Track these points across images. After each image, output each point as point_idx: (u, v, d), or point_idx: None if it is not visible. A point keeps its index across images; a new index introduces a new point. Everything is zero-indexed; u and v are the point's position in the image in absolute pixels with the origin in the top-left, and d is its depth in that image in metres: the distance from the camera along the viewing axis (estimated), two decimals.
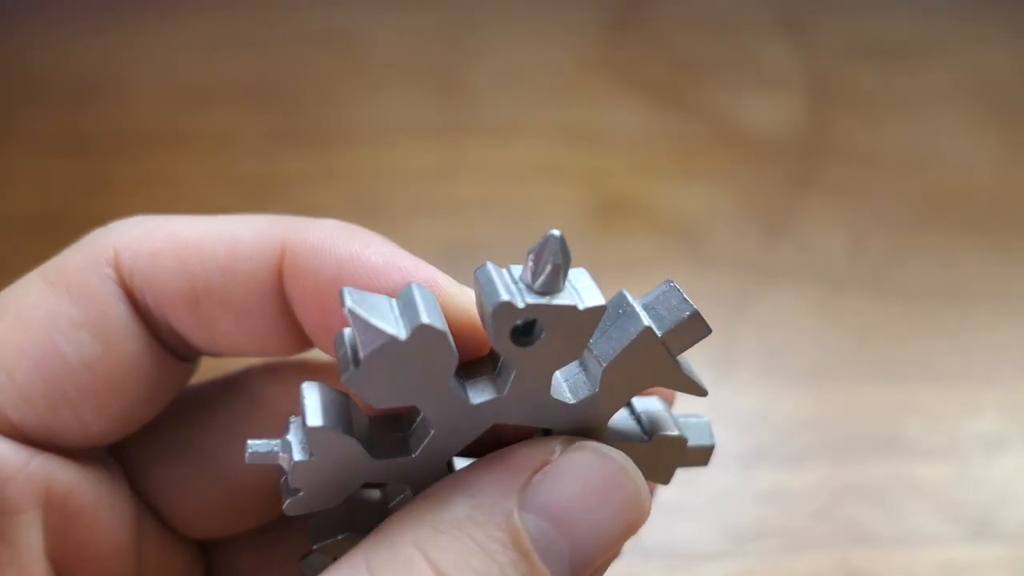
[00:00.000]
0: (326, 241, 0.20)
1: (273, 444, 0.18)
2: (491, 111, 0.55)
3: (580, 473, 0.18)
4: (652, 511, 0.19)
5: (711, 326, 0.19)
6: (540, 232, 0.19)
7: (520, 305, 0.17)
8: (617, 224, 0.48)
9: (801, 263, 0.47)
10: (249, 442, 0.18)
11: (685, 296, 0.19)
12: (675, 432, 0.21)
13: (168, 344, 0.21)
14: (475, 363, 0.19)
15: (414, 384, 0.17)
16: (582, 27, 0.60)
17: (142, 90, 0.55)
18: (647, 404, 0.22)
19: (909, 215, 0.50)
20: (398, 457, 0.19)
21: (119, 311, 0.19)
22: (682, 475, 0.37)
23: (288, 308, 0.20)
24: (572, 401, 0.19)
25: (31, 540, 0.19)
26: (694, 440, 0.21)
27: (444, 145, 0.53)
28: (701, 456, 0.22)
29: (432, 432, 0.18)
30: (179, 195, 0.49)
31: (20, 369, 0.19)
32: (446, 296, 0.19)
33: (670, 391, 0.22)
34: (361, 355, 0.17)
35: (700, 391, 0.20)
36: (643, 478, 0.19)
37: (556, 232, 0.17)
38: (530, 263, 0.17)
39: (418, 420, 0.19)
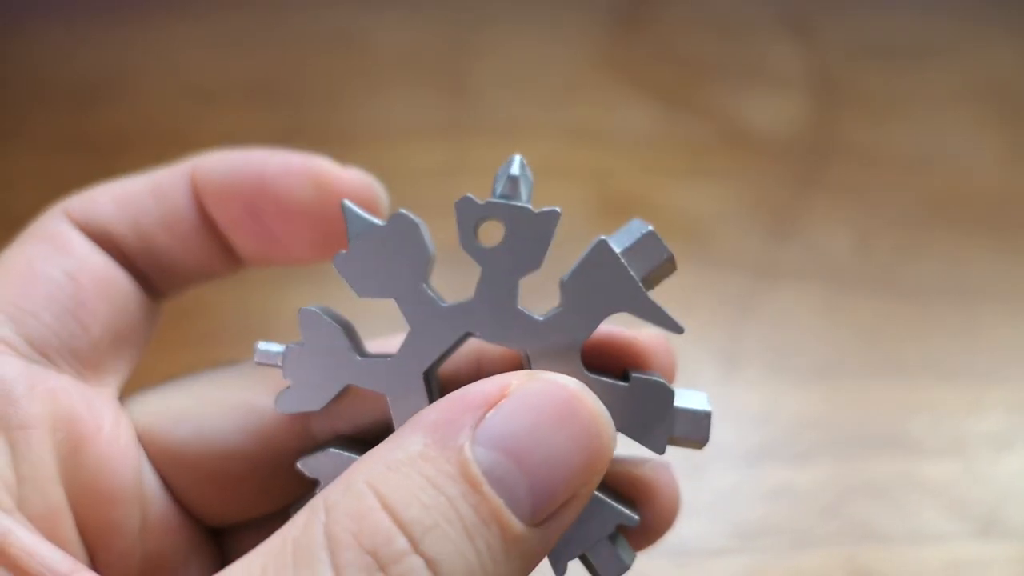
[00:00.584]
0: (225, 152, 0.24)
1: (279, 347, 0.21)
2: (496, 111, 0.55)
3: (532, 402, 0.18)
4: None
5: (717, 327, 0.20)
6: None
7: (479, 201, 0.20)
8: (623, 224, 0.48)
9: (807, 262, 0.47)
10: (258, 343, 0.21)
11: (643, 221, 0.21)
12: (657, 377, 0.20)
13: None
14: None
15: (392, 275, 0.20)
16: (587, 27, 0.60)
17: (146, 90, 0.55)
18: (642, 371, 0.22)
19: (915, 214, 0.50)
20: (379, 357, 0.21)
21: (79, 240, 0.23)
22: (688, 473, 0.37)
23: (209, 217, 0.24)
24: (539, 319, 0.20)
25: (46, 459, 0.20)
26: (685, 401, 0.21)
27: (449, 145, 0.53)
28: (695, 426, 0.21)
29: (408, 330, 0.20)
30: None
31: (17, 295, 0.21)
32: None
33: (669, 368, 0.23)
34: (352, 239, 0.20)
35: (674, 326, 0.20)
36: (603, 407, 0.19)
37: (517, 155, 0.20)
38: (496, 179, 0.20)
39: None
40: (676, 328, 0.20)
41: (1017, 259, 0.47)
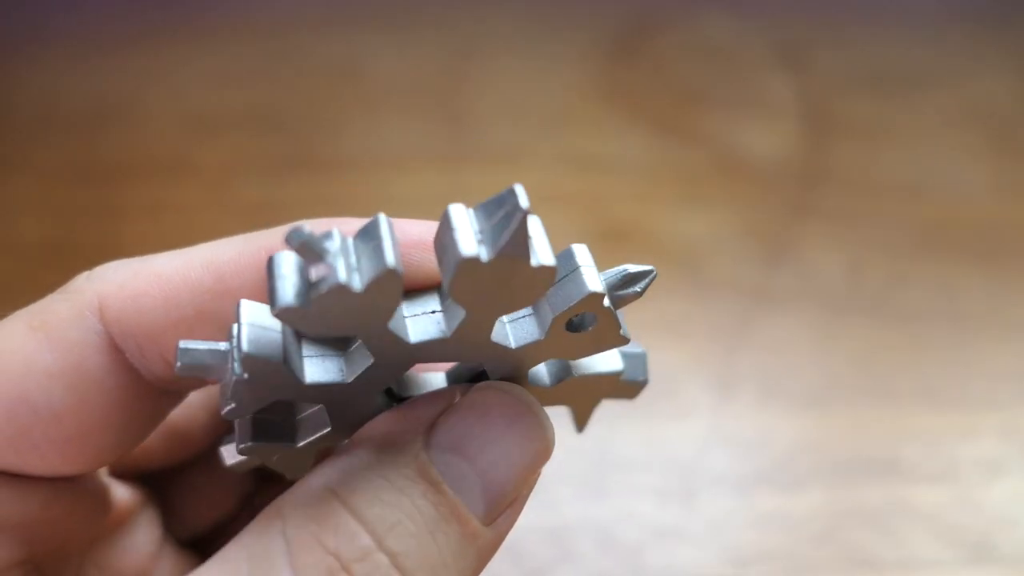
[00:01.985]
0: (304, 224, 0.19)
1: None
2: (493, 139, 0.55)
3: (481, 407, 0.19)
4: (653, 535, 0.19)
5: (711, 353, 0.21)
6: None
7: (606, 304, 0.19)
8: (618, 250, 0.49)
9: (800, 289, 0.48)
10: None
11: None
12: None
13: (160, 382, 0.21)
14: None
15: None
16: (583, 57, 0.60)
17: (150, 119, 0.55)
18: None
19: (907, 242, 0.50)
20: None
21: (97, 362, 0.19)
22: (682, 499, 0.38)
23: None
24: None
25: (9, 554, 0.20)
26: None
27: (447, 172, 0.53)
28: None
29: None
30: (186, 222, 0.50)
31: None
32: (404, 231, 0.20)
33: None
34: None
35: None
36: (544, 411, 0.20)
37: (654, 271, 0.20)
38: (626, 273, 0.20)
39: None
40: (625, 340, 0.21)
41: (1008, 286, 0.48)
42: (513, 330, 0.20)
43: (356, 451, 0.18)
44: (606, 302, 0.19)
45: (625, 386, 0.22)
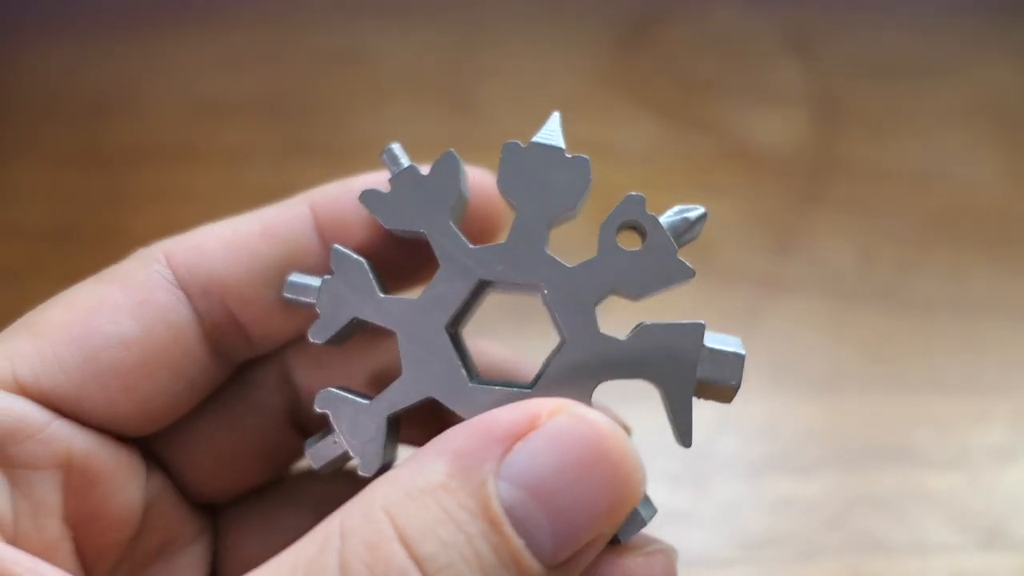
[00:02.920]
0: (346, 183, 0.23)
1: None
2: (501, 127, 0.55)
3: (561, 441, 0.17)
4: (664, 519, 0.19)
5: None
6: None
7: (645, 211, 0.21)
8: (627, 239, 0.49)
9: (810, 277, 0.47)
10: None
11: (742, 343, 0.22)
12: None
13: (216, 331, 0.22)
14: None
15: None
16: (592, 45, 0.60)
17: (157, 105, 0.55)
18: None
19: (917, 230, 0.50)
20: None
21: (165, 298, 0.21)
22: (693, 484, 0.37)
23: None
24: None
25: (48, 497, 0.20)
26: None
27: None
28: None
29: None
30: (193, 208, 0.50)
31: (59, 340, 0.20)
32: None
33: None
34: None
35: (685, 440, 0.21)
36: (634, 447, 0.18)
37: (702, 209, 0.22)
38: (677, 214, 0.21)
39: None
40: (685, 442, 0.21)
41: (1018, 273, 0.48)
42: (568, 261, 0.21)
43: (426, 464, 0.17)
44: (648, 210, 0.21)
45: (714, 372, 0.21)
